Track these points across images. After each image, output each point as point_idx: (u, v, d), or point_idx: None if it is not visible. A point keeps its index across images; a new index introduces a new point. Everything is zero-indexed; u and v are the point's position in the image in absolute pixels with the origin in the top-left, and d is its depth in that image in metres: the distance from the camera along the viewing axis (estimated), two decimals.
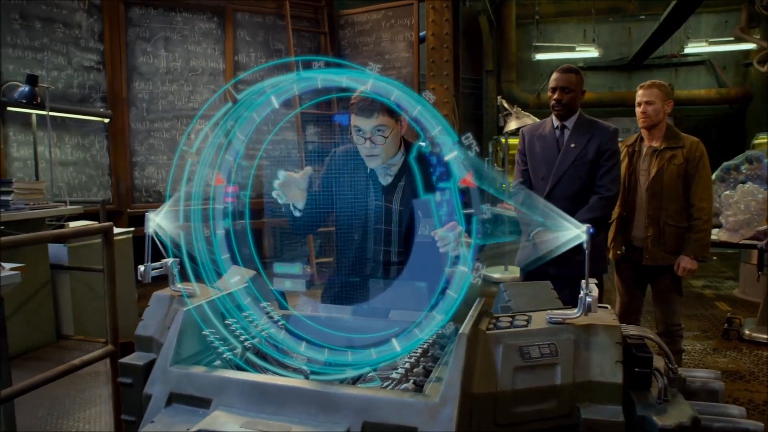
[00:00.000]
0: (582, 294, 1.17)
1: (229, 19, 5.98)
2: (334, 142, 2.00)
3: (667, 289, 2.90)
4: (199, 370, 1.15)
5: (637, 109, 2.90)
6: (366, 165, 1.82)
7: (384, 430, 0.98)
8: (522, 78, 11.87)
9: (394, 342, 1.22)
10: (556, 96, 2.69)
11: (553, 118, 2.76)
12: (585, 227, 1.14)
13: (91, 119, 5.14)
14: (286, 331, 1.40)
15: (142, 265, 1.38)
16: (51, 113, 4.30)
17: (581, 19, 11.56)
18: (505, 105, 6.12)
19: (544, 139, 2.76)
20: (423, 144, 1.51)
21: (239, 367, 1.22)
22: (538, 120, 3.46)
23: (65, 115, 4.82)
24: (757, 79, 10.40)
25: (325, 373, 1.24)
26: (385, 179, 1.84)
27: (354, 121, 1.71)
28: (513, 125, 5.82)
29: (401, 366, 1.15)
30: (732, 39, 9.94)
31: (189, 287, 1.37)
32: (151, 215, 1.37)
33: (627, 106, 2.91)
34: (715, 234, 4.06)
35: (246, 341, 1.29)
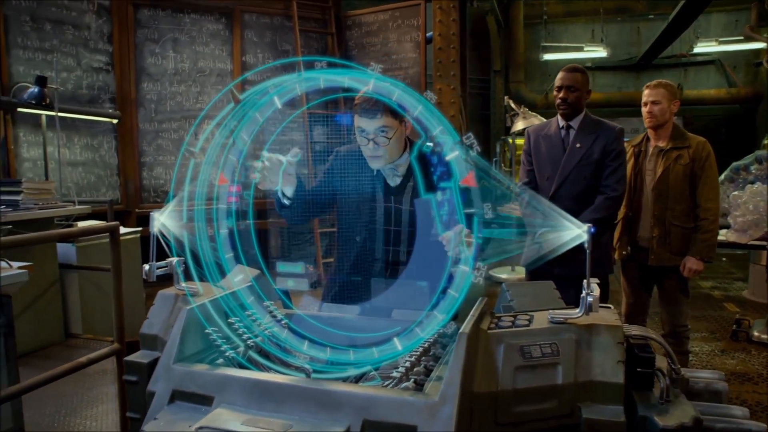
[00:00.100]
0: (584, 294, 1.17)
1: (237, 20, 6.01)
2: (341, 142, 1.98)
3: (673, 289, 2.88)
4: (201, 368, 1.16)
5: (644, 109, 2.89)
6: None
7: (384, 428, 0.99)
8: (530, 78, 11.82)
9: (395, 341, 1.23)
10: (561, 95, 2.69)
11: (559, 118, 2.76)
12: (586, 227, 1.14)
13: (100, 120, 5.18)
14: (289, 330, 1.41)
15: (147, 264, 1.39)
16: (60, 114, 4.35)
17: (589, 19, 11.49)
18: (512, 105, 6.11)
19: (549, 139, 2.76)
20: (429, 144, 1.51)
21: (242, 366, 1.22)
22: (545, 120, 3.46)
23: (74, 115, 4.86)
24: None
25: (327, 372, 1.25)
26: (393, 180, 1.84)
27: (357, 122, 1.70)
28: (520, 125, 5.82)
29: (402, 365, 1.15)
30: (742, 38, 9.85)
31: (192, 286, 1.38)
32: (155, 214, 1.38)
33: (635, 107, 2.90)
34: (724, 235, 4.03)
35: (249, 340, 1.30)
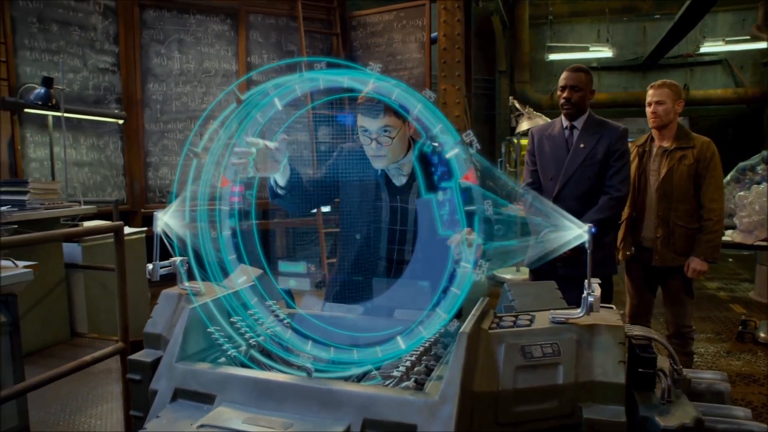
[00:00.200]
0: (585, 294, 1.17)
1: (242, 20, 6.02)
2: (347, 143, 1.98)
3: (678, 290, 2.87)
4: (203, 366, 1.16)
5: (648, 109, 2.88)
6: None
7: (384, 427, 0.99)
8: (535, 78, 11.79)
9: (398, 340, 1.23)
10: (565, 95, 2.69)
11: (563, 118, 2.76)
12: (587, 227, 1.14)
13: (106, 120, 5.21)
14: (292, 329, 1.41)
15: (150, 264, 1.40)
16: (66, 114, 4.37)
17: (595, 19, 11.46)
18: (517, 105, 6.11)
19: (553, 140, 2.76)
20: (429, 144, 1.51)
21: (243, 365, 1.23)
22: (550, 120, 3.45)
23: (80, 116, 4.89)
24: None
25: (329, 371, 1.25)
26: (399, 180, 1.83)
27: (360, 121, 1.70)
28: (525, 126, 5.81)
29: (402, 364, 1.16)
30: (749, 38, 9.79)
31: (195, 286, 1.39)
32: (159, 214, 1.39)
33: (641, 107, 2.89)
34: (729, 235, 4.01)
35: (251, 339, 1.31)
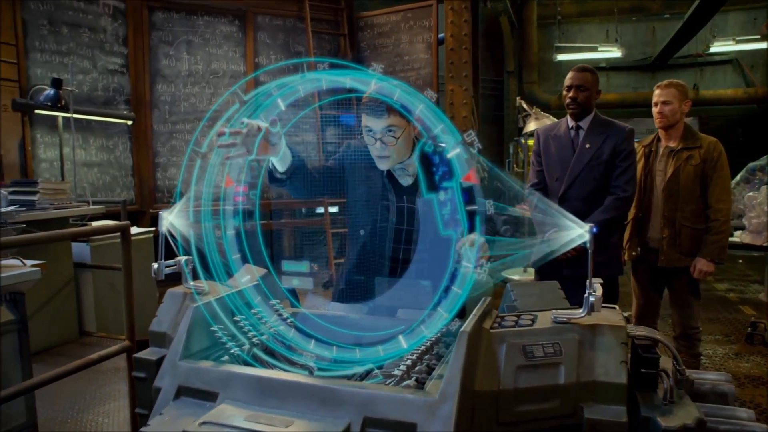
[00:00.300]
0: (586, 293, 1.17)
1: (250, 22, 6.06)
2: (354, 139, 1.97)
3: (684, 291, 2.85)
4: (206, 364, 1.17)
5: (654, 109, 2.86)
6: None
7: (384, 425, 1.00)
8: (544, 79, 11.74)
9: (401, 339, 1.23)
10: (571, 94, 2.68)
11: (568, 118, 2.75)
12: (588, 226, 1.14)
13: (115, 121, 5.26)
14: (295, 328, 1.42)
15: (155, 263, 1.41)
16: (75, 116, 4.42)
17: (604, 19, 11.40)
18: (525, 106, 6.09)
19: (559, 140, 2.75)
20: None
21: (246, 363, 1.24)
22: (556, 120, 3.44)
23: (90, 117, 4.94)
24: None
25: (331, 370, 1.26)
26: (405, 180, 1.82)
27: (365, 121, 1.69)
28: (532, 126, 5.79)
29: (403, 363, 1.16)
30: (759, 37, 9.71)
31: (200, 285, 1.40)
32: (164, 214, 1.40)
33: (651, 107, 2.87)
34: (738, 236, 3.99)
35: (254, 338, 1.32)
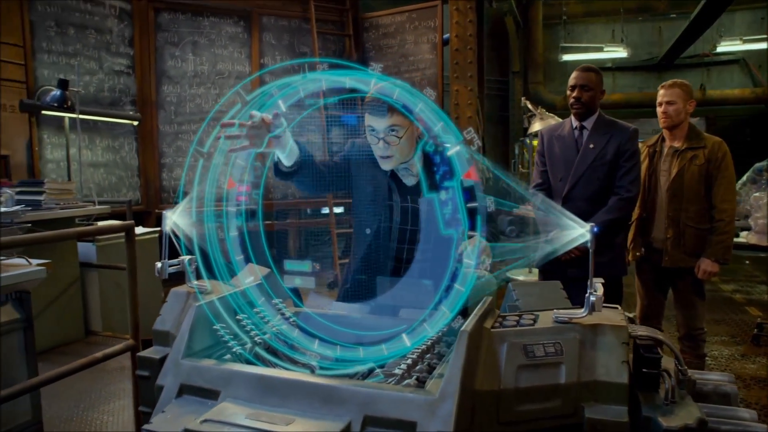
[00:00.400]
0: (588, 293, 1.17)
1: (255, 23, 6.08)
2: (359, 138, 1.96)
3: (689, 292, 2.84)
4: (208, 363, 1.18)
5: (658, 109, 2.85)
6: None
7: (384, 423, 1.00)
8: (549, 79, 11.72)
9: (404, 337, 1.24)
10: (575, 94, 2.67)
11: (572, 118, 2.74)
12: (588, 226, 1.14)
13: (121, 122, 5.29)
14: (298, 328, 1.43)
15: (159, 262, 1.42)
16: (82, 116, 4.45)
17: (610, 19, 11.36)
18: (529, 106, 6.09)
19: (562, 140, 2.74)
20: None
21: (248, 362, 1.25)
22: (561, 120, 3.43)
23: (96, 118, 4.97)
24: None
25: (333, 369, 1.27)
26: (409, 180, 1.81)
27: (368, 120, 1.69)
28: (537, 126, 5.79)
29: (404, 362, 1.17)
30: (767, 36, 9.66)
31: (203, 284, 1.41)
32: (168, 213, 1.41)
33: (656, 108, 2.87)
34: (745, 237, 3.97)
35: (256, 336, 1.32)
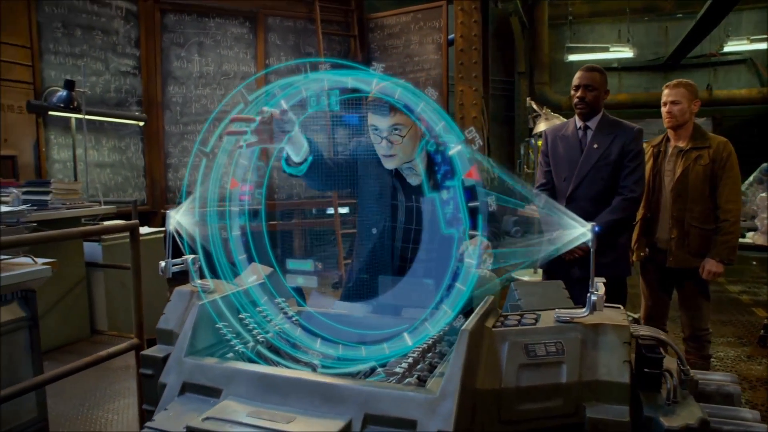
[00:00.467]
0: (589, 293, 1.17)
1: (261, 23, 6.10)
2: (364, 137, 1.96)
3: (693, 292, 2.82)
4: (211, 361, 1.19)
5: (663, 109, 2.84)
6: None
7: (384, 421, 1.00)
8: (555, 79, 11.68)
9: (406, 336, 1.24)
10: (579, 94, 2.67)
11: (576, 118, 2.74)
12: (590, 225, 1.14)
13: (127, 122, 5.32)
14: (300, 326, 1.43)
15: (163, 261, 1.43)
16: (88, 117, 4.48)
17: (616, 19, 11.32)
18: (534, 106, 6.07)
19: (566, 140, 2.74)
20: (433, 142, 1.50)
21: (251, 360, 1.26)
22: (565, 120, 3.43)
23: (102, 118, 5.00)
24: None
25: (335, 368, 1.27)
26: (413, 179, 1.80)
27: (370, 119, 1.68)
28: (542, 126, 5.76)
29: (405, 361, 1.17)
30: None
31: (206, 283, 1.42)
32: (172, 212, 1.42)
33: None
34: (751, 237, 3.95)
35: (259, 335, 1.33)
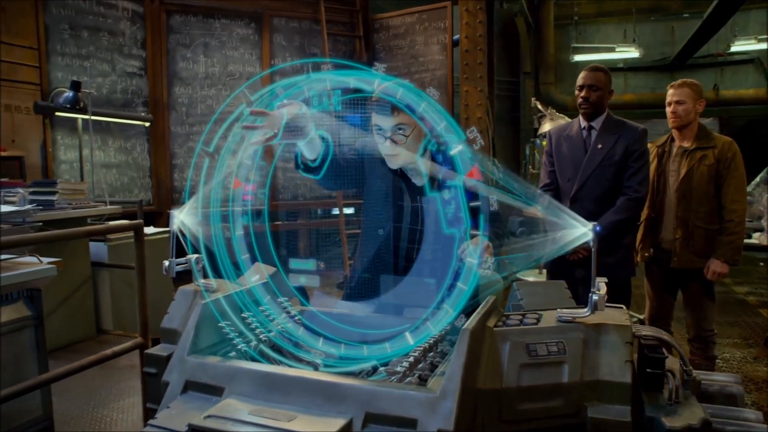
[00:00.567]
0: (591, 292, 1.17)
1: (266, 24, 6.11)
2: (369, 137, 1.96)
3: (698, 293, 2.81)
4: (213, 359, 1.20)
5: (668, 109, 2.83)
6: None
7: (385, 420, 1.01)
8: (560, 80, 11.65)
9: (407, 336, 1.24)
10: (583, 94, 2.67)
11: (581, 118, 2.73)
12: (591, 225, 1.14)
13: (133, 123, 5.34)
14: (303, 326, 1.44)
15: (167, 261, 1.44)
16: (94, 117, 4.50)
17: (622, 19, 11.29)
18: (540, 107, 6.06)
19: (571, 140, 2.74)
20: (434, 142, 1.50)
21: (253, 359, 1.26)
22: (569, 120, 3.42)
23: (109, 119, 5.03)
24: None
25: (337, 367, 1.28)
26: (418, 180, 1.79)
27: (374, 119, 1.67)
28: (547, 127, 5.75)
29: (406, 360, 1.17)
30: None
31: (209, 283, 1.43)
32: (175, 212, 1.43)
33: None
34: (757, 238, 3.92)
35: (261, 334, 1.34)
